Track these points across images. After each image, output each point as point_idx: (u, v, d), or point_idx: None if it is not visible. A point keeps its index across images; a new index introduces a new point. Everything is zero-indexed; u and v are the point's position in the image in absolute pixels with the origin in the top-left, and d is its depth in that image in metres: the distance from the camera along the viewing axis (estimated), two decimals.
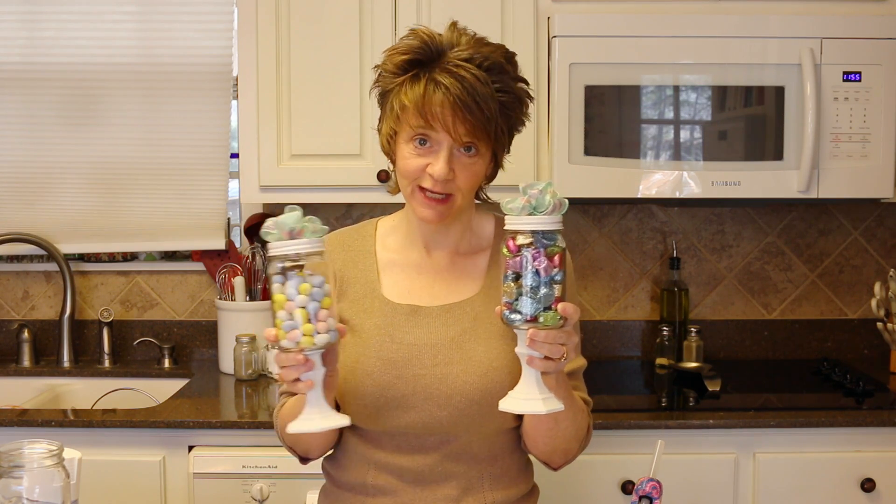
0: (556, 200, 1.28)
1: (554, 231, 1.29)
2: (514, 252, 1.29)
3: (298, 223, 1.31)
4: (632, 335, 2.80)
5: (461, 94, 1.39)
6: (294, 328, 1.29)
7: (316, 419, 1.33)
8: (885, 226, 2.79)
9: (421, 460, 1.50)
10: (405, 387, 1.47)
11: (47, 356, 2.81)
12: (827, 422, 2.17)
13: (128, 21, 2.66)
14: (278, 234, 1.31)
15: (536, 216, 1.27)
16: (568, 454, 1.54)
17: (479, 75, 1.41)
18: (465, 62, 1.41)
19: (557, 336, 1.29)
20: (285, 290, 1.30)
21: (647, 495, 1.35)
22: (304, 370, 1.31)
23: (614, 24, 2.31)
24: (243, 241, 2.80)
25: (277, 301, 1.30)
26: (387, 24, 2.37)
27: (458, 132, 1.41)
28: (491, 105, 1.41)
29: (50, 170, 2.74)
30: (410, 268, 1.57)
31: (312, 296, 1.29)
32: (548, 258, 1.28)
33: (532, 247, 1.28)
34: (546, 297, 1.28)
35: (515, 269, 1.29)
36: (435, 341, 1.49)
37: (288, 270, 1.30)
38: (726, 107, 2.35)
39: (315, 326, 1.29)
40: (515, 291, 1.29)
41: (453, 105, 1.39)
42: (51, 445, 1.34)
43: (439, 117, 1.41)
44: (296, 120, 2.41)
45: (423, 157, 1.44)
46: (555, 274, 1.29)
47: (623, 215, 2.78)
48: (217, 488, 2.13)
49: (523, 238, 1.28)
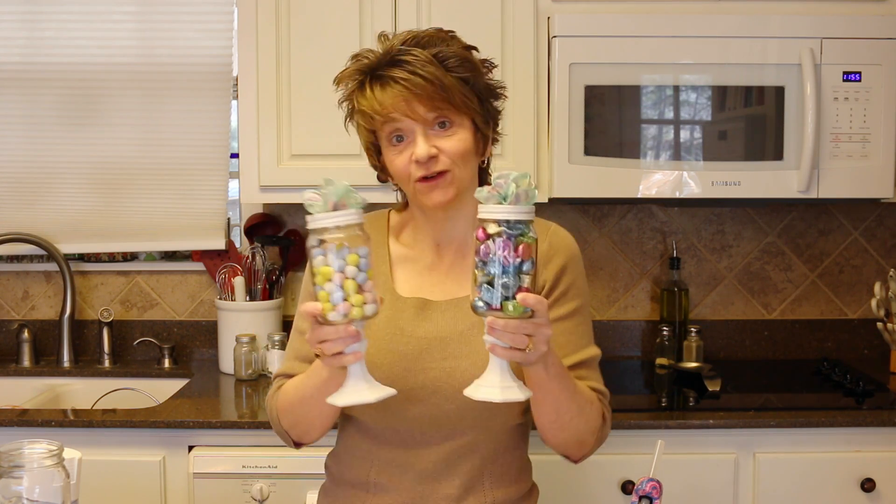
0: (521, 190, 1.27)
1: (522, 221, 1.27)
2: (482, 240, 1.28)
3: (344, 195, 1.30)
4: (632, 335, 2.80)
5: (407, 77, 1.42)
6: (343, 300, 1.28)
7: (364, 391, 1.31)
8: (885, 226, 2.79)
9: (425, 456, 1.50)
10: (413, 380, 1.47)
11: (47, 356, 2.81)
12: (827, 422, 2.17)
13: (128, 21, 2.66)
14: (324, 206, 1.29)
15: (503, 206, 1.27)
16: (584, 446, 1.52)
17: (420, 53, 1.44)
18: (401, 48, 1.45)
19: (519, 326, 1.27)
20: (331, 263, 1.28)
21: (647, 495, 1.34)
22: (351, 342, 1.29)
23: (614, 24, 2.31)
24: (243, 241, 2.80)
25: (323, 273, 1.28)
26: (387, 25, 2.36)
27: (419, 113, 1.44)
28: (439, 75, 1.43)
29: (50, 170, 2.74)
30: (420, 265, 1.58)
31: (360, 266, 1.29)
32: (514, 248, 1.27)
33: (500, 236, 1.27)
34: (508, 287, 1.27)
35: (482, 258, 1.28)
36: (443, 335, 1.50)
37: (331, 242, 1.28)
38: (726, 107, 2.35)
39: (364, 297, 1.29)
40: (481, 279, 1.28)
41: (403, 90, 1.42)
42: (51, 445, 1.34)
43: (395, 107, 1.44)
44: (296, 120, 2.41)
45: (405, 152, 1.47)
46: (519, 263, 1.27)
47: (623, 215, 2.78)
48: (217, 488, 2.13)
49: (490, 227, 1.28)
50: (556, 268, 1.54)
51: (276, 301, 2.68)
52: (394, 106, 1.43)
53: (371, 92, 1.45)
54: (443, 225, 1.56)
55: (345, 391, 1.33)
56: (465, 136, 1.48)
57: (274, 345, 2.56)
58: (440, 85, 1.43)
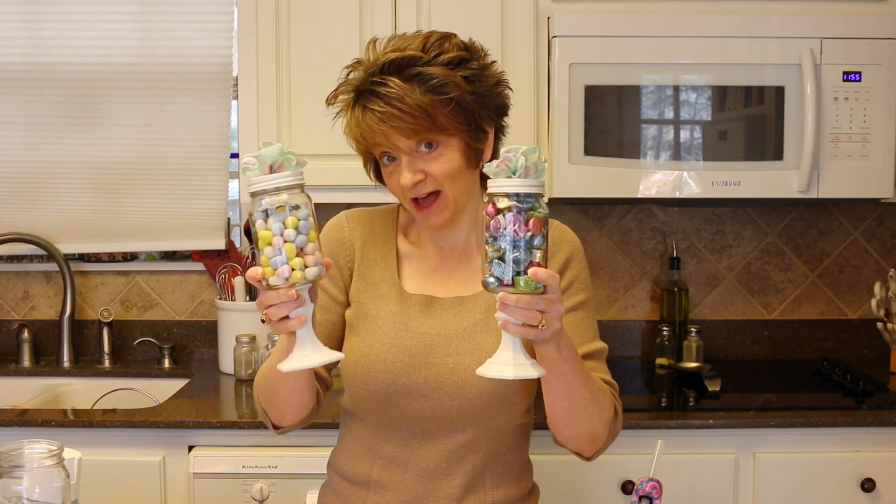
0: (531, 163, 1.25)
1: (532, 195, 1.25)
2: (492, 215, 1.27)
3: (280, 156, 1.27)
4: (632, 335, 2.80)
5: (384, 109, 1.41)
6: (283, 264, 1.26)
7: (310, 355, 1.30)
8: (885, 226, 2.79)
9: (426, 454, 1.50)
10: (416, 375, 1.47)
11: (47, 356, 2.81)
12: (827, 422, 2.17)
13: (128, 21, 2.66)
14: (259, 170, 1.26)
15: (513, 179, 1.25)
16: (597, 440, 1.50)
17: (395, 83, 1.41)
18: (380, 76, 1.43)
19: (531, 301, 1.25)
20: (270, 226, 1.26)
21: (647, 495, 1.34)
22: (294, 306, 1.27)
23: (614, 24, 2.31)
24: (243, 241, 2.80)
25: (263, 237, 1.26)
26: (387, 24, 2.37)
27: (399, 144, 1.44)
28: (419, 103, 1.40)
29: (50, 170, 2.74)
30: (426, 264, 1.58)
31: (300, 229, 1.26)
32: (524, 222, 1.25)
33: (510, 210, 1.25)
34: (519, 262, 1.25)
35: (492, 233, 1.27)
36: (448, 332, 1.50)
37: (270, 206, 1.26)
38: (726, 107, 2.35)
39: (304, 260, 1.27)
40: (491, 255, 1.27)
41: (381, 121, 1.42)
42: (51, 445, 1.34)
43: (377, 135, 1.44)
44: (296, 120, 2.41)
45: (395, 173, 1.48)
46: (530, 237, 1.25)
47: (623, 215, 2.78)
48: (217, 488, 2.13)
49: (500, 201, 1.26)
50: (559, 262, 1.54)
51: None
52: (374, 136, 1.44)
53: (353, 117, 1.46)
54: (443, 234, 1.56)
55: (292, 357, 1.31)
56: (451, 155, 1.46)
57: (274, 345, 2.56)
58: (420, 114, 1.41)
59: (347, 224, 1.61)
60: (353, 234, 1.60)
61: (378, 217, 1.63)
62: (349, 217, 1.63)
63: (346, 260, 1.58)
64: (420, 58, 1.44)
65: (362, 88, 1.45)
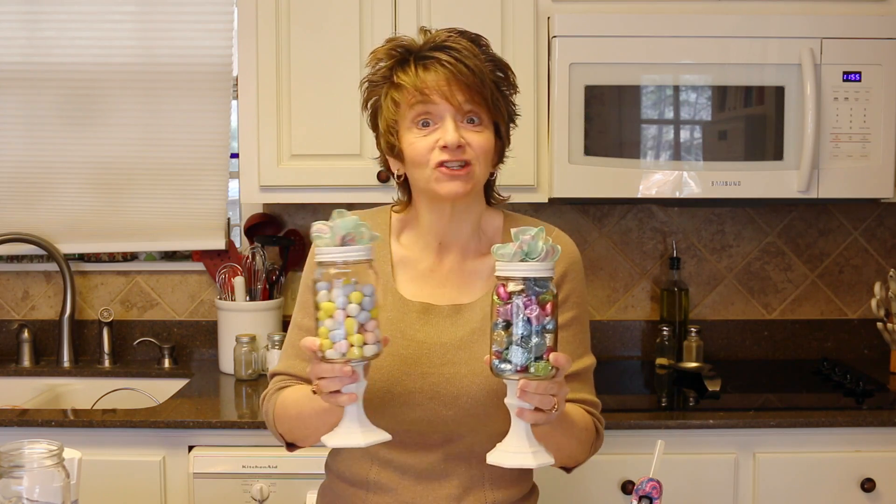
0: (549, 247, 1.24)
1: (546, 278, 1.25)
2: (505, 299, 1.25)
3: (353, 228, 1.26)
4: (632, 335, 2.80)
5: (454, 63, 1.43)
6: (342, 338, 1.24)
7: (357, 434, 1.29)
8: (885, 226, 2.79)
9: (423, 458, 1.50)
10: (412, 384, 1.47)
11: (47, 356, 2.81)
12: (827, 422, 2.17)
13: (128, 21, 2.66)
14: (331, 239, 1.26)
15: (529, 262, 1.24)
16: (578, 460, 1.54)
17: (467, 45, 1.46)
18: (448, 36, 1.47)
19: (549, 387, 1.25)
20: (334, 298, 1.24)
21: (647, 495, 1.34)
22: (348, 381, 1.27)
23: (614, 24, 2.31)
24: (243, 241, 2.80)
25: (325, 309, 1.25)
26: (387, 24, 2.37)
27: (458, 99, 1.44)
28: (481, 67, 1.45)
29: (50, 170, 2.74)
30: (422, 267, 1.57)
31: (363, 305, 1.25)
32: (540, 306, 1.24)
33: (524, 294, 1.23)
34: (538, 347, 1.24)
35: (506, 318, 1.25)
36: (444, 341, 1.50)
37: (336, 278, 1.24)
38: (726, 107, 2.35)
39: (364, 337, 1.25)
40: (506, 340, 1.25)
41: (448, 74, 1.43)
42: (51, 445, 1.34)
43: (437, 88, 1.43)
44: (296, 120, 2.41)
45: (430, 136, 1.46)
46: (546, 322, 1.24)
47: (623, 215, 2.78)
48: (217, 488, 2.13)
49: (514, 285, 1.24)
50: (557, 274, 1.54)
51: (276, 301, 2.68)
52: (436, 86, 1.43)
53: (414, 69, 1.45)
54: (447, 225, 1.54)
55: (338, 431, 1.30)
56: (490, 136, 1.49)
57: (274, 345, 2.57)
58: (482, 80, 1.44)
59: None
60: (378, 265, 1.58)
61: (370, 221, 1.60)
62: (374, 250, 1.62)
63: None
64: (481, 38, 1.51)
65: (426, 46, 1.47)
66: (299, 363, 1.54)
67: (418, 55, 1.47)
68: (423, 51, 1.47)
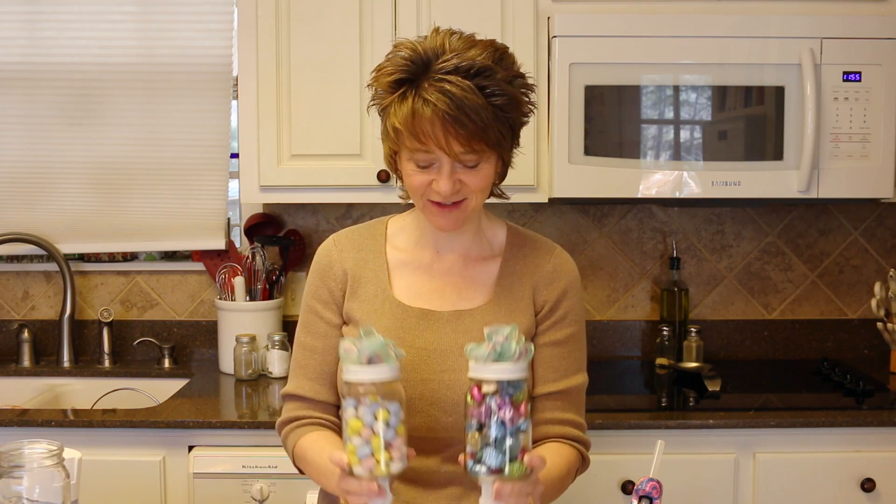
0: (522, 347, 1.25)
1: (520, 379, 1.25)
2: (479, 401, 1.25)
3: (380, 349, 1.28)
4: (632, 335, 2.80)
5: (449, 110, 1.35)
6: (369, 456, 1.27)
7: None
8: (885, 226, 2.79)
9: (423, 462, 1.50)
10: (412, 390, 1.47)
11: (47, 356, 2.81)
12: (827, 422, 2.17)
13: (128, 21, 2.66)
14: (358, 358, 1.27)
15: (502, 364, 1.24)
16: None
17: (466, 86, 1.36)
18: (450, 74, 1.37)
19: (524, 487, 1.26)
20: (361, 416, 1.27)
21: (647, 495, 1.34)
22: (374, 497, 1.29)
23: (614, 24, 2.30)
24: (243, 241, 2.80)
25: (352, 426, 1.28)
26: (387, 24, 2.37)
27: (454, 149, 1.39)
28: (483, 114, 1.37)
29: (50, 170, 2.74)
30: (421, 269, 1.57)
31: (390, 423, 1.27)
32: (513, 407, 1.24)
33: (497, 396, 1.24)
34: (512, 449, 1.25)
35: (479, 419, 1.25)
36: (444, 347, 1.50)
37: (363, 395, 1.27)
38: (726, 107, 2.35)
39: (390, 454, 1.27)
40: (480, 441, 1.25)
41: (443, 121, 1.36)
42: (51, 445, 1.34)
43: (431, 136, 1.38)
44: (296, 120, 2.41)
45: (426, 174, 1.44)
46: (521, 423, 1.25)
47: (623, 215, 2.78)
48: (217, 488, 2.13)
49: (488, 387, 1.25)
50: (557, 291, 1.55)
51: (276, 301, 2.68)
52: (432, 135, 1.38)
53: (410, 109, 1.38)
54: (448, 236, 1.56)
55: None
56: (489, 170, 1.45)
57: (274, 345, 2.57)
58: (481, 128, 1.37)
59: (335, 248, 1.59)
60: (341, 256, 1.58)
61: (366, 233, 1.61)
62: (337, 241, 1.61)
63: (337, 284, 1.57)
64: (490, 69, 1.39)
65: (424, 75, 1.39)
66: (307, 384, 1.55)
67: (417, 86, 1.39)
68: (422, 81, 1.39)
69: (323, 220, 2.79)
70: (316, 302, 1.58)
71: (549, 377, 1.53)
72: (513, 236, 1.60)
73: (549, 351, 1.54)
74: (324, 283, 1.57)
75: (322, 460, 1.44)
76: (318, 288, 1.58)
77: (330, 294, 1.57)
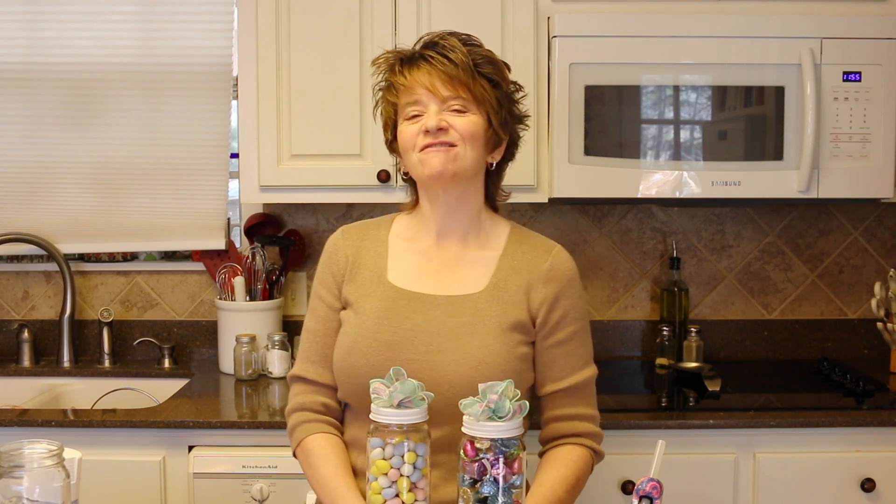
0: (516, 405, 1.26)
1: (514, 437, 1.26)
2: (472, 457, 1.26)
3: (411, 393, 1.30)
4: (632, 335, 2.80)
5: (437, 57, 1.55)
6: (394, 496, 1.29)
7: None
8: (885, 226, 2.79)
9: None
10: None
11: (47, 356, 2.81)
12: (827, 422, 2.17)
13: (128, 21, 2.66)
14: (388, 400, 1.30)
15: (496, 423, 1.25)
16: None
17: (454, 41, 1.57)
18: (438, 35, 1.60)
19: None
20: (388, 457, 1.29)
21: (647, 495, 1.34)
22: None
23: (614, 24, 2.31)
24: (243, 241, 2.80)
25: (379, 467, 1.30)
26: (387, 24, 2.37)
27: (438, 89, 1.52)
28: (465, 61, 1.54)
29: (50, 170, 2.74)
30: (420, 253, 1.62)
31: (416, 465, 1.30)
32: (507, 465, 1.25)
33: (491, 453, 1.25)
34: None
35: (472, 475, 1.26)
36: (432, 329, 1.53)
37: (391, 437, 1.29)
38: (726, 107, 2.35)
39: (415, 495, 1.29)
40: (473, 497, 1.26)
41: (431, 69, 1.54)
42: (51, 445, 1.34)
43: (420, 83, 1.54)
44: (296, 120, 2.41)
45: (416, 124, 1.55)
46: (514, 480, 1.26)
47: (623, 215, 2.78)
48: (217, 488, 2.13)
49: (481, 444, 1.26)
50: (554, 290, 1.58)
51: (276, 301, 2.68)
52: (420, 81, 1.54)
53: (402, 69, 1.58)
54: (445, 213, 1.60)
55: None
56: (476, 119, 1.55)
57: (274, 345, 2.57)
58: (464, 70, 1.53)
59: (342, 236, 1.69)
60: (345, 244, 1.66)
61: (373, 225, 1.70)
62: (345, 231, 1.70)
63: (338, 269, 1.64)
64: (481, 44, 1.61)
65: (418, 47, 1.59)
66: (311, 366, 1.62)
67: (409, 58, 1.58)
68: (414, 52, 1.59)
69: (323, 220, 2.79)
70: (320, 286, 1.66)
71: (557, 376, 1.56)
72: (515, 234, 1.65)
73: (554, 351, 1.57)
74: (328, 268, 1.66)
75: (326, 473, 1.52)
76: (323, 273, 1.66)
77: (332, 279, 1.64)
